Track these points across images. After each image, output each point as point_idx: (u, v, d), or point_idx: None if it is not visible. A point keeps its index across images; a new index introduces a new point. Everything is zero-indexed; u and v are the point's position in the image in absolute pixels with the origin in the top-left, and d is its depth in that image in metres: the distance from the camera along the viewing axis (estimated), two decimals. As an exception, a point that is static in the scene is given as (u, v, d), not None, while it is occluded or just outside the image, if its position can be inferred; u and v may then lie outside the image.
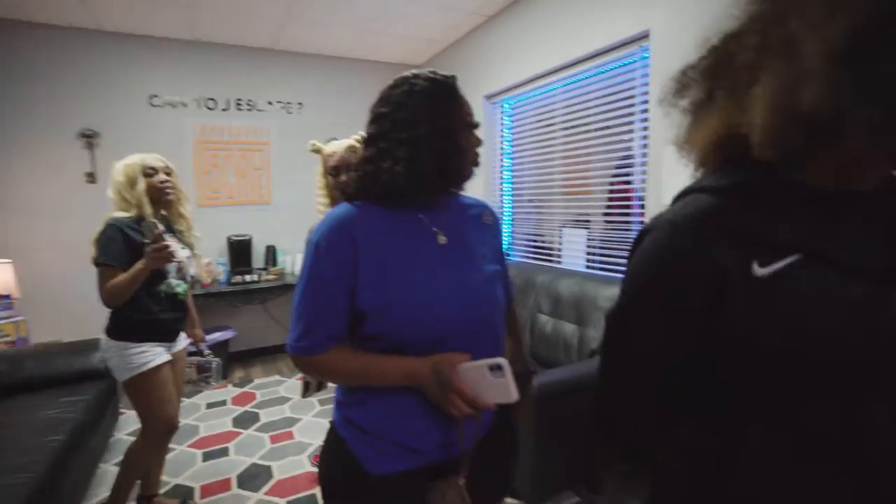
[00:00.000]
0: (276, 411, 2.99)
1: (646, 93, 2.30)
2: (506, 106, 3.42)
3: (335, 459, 0.89)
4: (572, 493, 1.97)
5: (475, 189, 3.56)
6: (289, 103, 4.06)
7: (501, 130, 3.46)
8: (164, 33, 3.53)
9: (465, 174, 0.89)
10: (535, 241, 3.21)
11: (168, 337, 1.80)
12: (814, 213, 0.51)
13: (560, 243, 2.93)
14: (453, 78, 0.87)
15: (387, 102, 0.84)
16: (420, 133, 0.80)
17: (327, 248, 0.80)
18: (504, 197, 3.48)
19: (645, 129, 2.31)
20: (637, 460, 0.65)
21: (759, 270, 0.50)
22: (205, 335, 2.14)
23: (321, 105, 4.16)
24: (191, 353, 2.02)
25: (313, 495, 2.11)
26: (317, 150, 1.78)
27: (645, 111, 2.30)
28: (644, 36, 2.29)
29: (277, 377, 3.59)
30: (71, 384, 2.35)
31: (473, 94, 3.59)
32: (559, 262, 2.94)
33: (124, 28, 3.39)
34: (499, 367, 0.77)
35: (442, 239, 0.88)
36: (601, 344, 0.64)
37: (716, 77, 0.55)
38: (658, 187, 2.21)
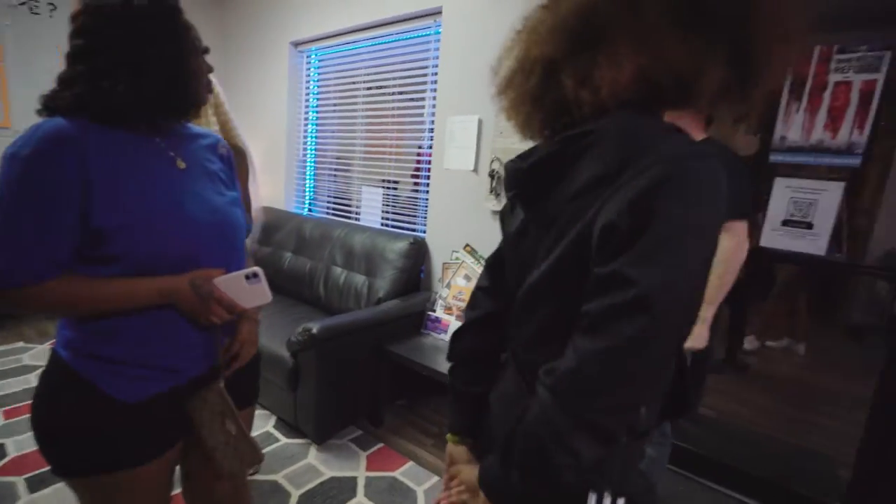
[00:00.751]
0: (16, 382, 2.51)
1: (437, 65, 2.51)
2: (313, 57, 3.32)
3: (68, 396, 0.83)
4: (355, 428, 2.18)
5: (278, 139, 3.44)
6: (36, 2, 3.20)
7: (308, 83, 3.37)
8: None
9: (197, 100, 0.90)
10: (336, 197, 3.27)
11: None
12: None
13: (360, 201, 3.06)
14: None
15: (98, 15, 0.79)
16: (147, 55, 0.79)
17: (42, 161, 0.73)
18: (308, 151, 3.43)
19: (434, 97, 2.54)
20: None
21: None
22: None
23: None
24: None
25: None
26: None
27: (435, 82, 2.53)
28: (437, 12, 2.49)
29: (22, 343, 2.99)
30: None
31: (280, 40, 3.39)
32: (357, 219, 3.07)
33: None
34: (255, 275, 0.88)
35: (181, 164, 0.89)
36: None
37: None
38: (441, 153, 2.47)
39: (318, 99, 3.34)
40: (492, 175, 2.23)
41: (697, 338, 1.32)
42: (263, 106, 3.57)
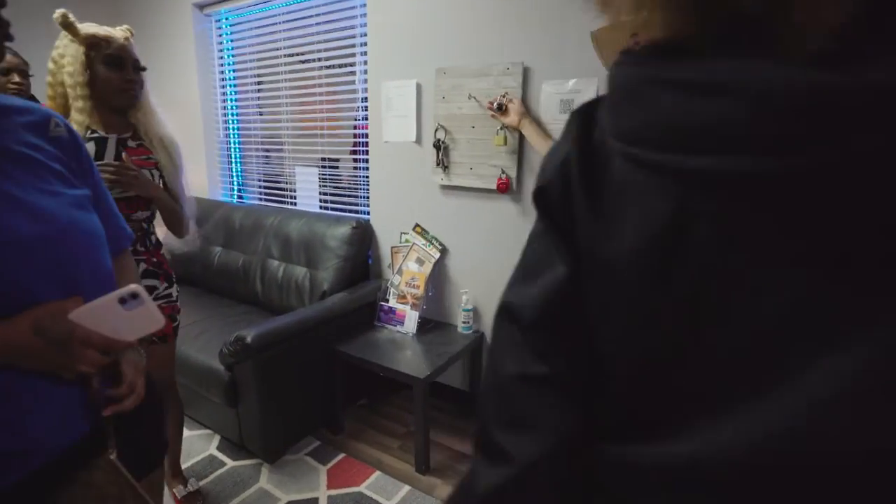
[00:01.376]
0: None
1: (365, 24, 2.22)
2: (223, 23, 2.91)
3: None
4: (312, 439, 1.97)
5: (193, 119, 3.03)
6: None
7: (221, 53, 2.96)
8: None
9: None
10: (268, 181, 2.94)
11: None
12: None
13: (294, 184, 2.75)
14: None
15: None
16: None
17: None
18: (230, 131, 3.04)
19: (365, 63, 2.25)
20: None
21: None
22: None
23: None
24: None
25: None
26: (68, 26, 1.20)
27: (364, 44, 2.24)
28: (360, -40, 2.18)
29: None
30: None
31: (181, 1, 2.93)
32: (294, 204, 2.77)
33: None
34: (133, 296, 0.65)
35: None
36: None
37: None
38: (379, 125, 2.22)
39: (234, 72, 2.94)
40: (437, 146, 2.01)
41: None
42: (170, 81, 3.12)
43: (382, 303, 2.11)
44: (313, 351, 1.90)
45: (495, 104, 1.77)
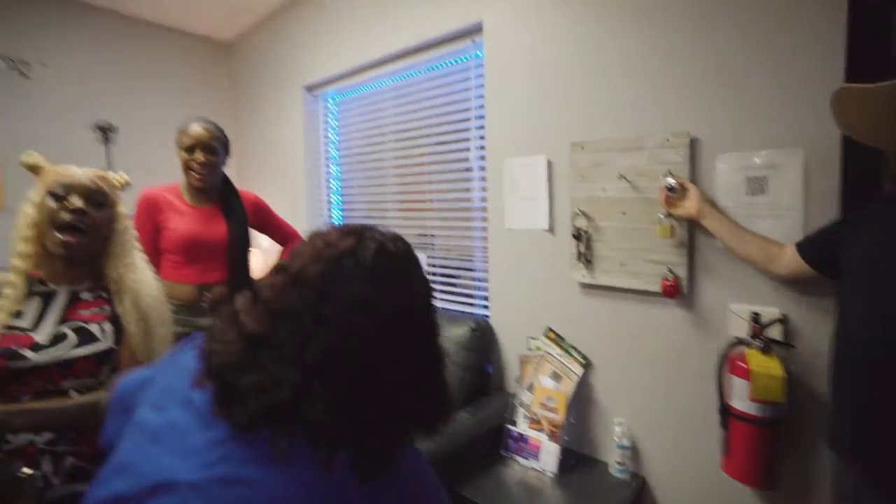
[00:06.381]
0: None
1: (481, 95, 1.97)
2: (331, 102, 2.85)
3: None
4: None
5: (298, 199, 2.96)
6: (16, 60, 2.79)
7: (327, 131, 2.90)
8: None
9: None
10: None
11: None
12: None
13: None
14: None
15: None
16: None
17: None
18: (333, 210, 2.93)
19: (482, 137, 1.98)
20: None
21: None
22: None
23: (80, 72, 2.95)
24: None
25: None
26: (33, 168, 1.10)
27: (481, 117, 1.98)
28: (476, 29, 1.95)
29: None
30: None
31: (292, 84, 2.94)
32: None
33: None
34: None
35: None
36: None
37: None
38: (500, 209, 1.91)
39: (339, 148, 2.86)
40: (578, 235, 1.64)
41: None
42: (280, 158, 3.12)
43: (511, 427, 1.71)
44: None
45: (669, 185, 1.38)
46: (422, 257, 2.35)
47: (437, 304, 2.18)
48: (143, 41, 3.19)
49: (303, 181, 2.93)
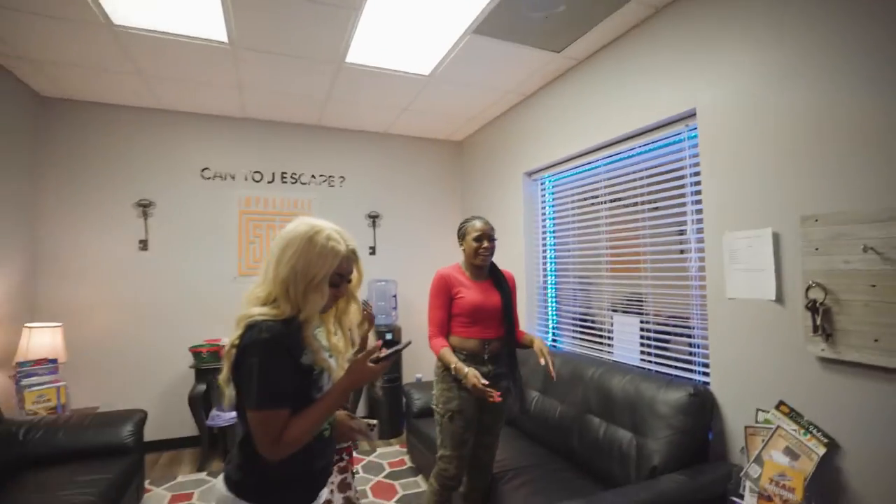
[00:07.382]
0: None
1: (696, 172, 2.13)
2: (547, 183, 3.32)
3: None
4: None
5: (517, 267, 3.42)
6: (331, 176, 4.15)
7: (543, 207, 3.35)
8: (216, 111, 3.74)
9: None
10: (583, 323, 2.96)
11: (315, 494, 1.22)
12: None
13: (611, 328, 2.68)
14: None
15: None
16: None
17: None
18: (548, 276, 3.29)
19: (699, 211, 2.11)
20: None
21: None
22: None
23: (363, 178, 4.23)
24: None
25: None
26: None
27: (697, 192, 2.12)
28: (691, 115, 2.16)
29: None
30: (99, 458, 2.38)
31: (514, 171, 3.52)
32: (610, 351, 2.67)
33: (180, 106, 3.62)
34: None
35: None
36: None
37: None
38: (720, 277, 1.97)
39: (554, 222, 3.26)
40: (813, 308, 1.62)
41: None
42: (501, 235, 3.66)
43: (736, 499, 1.68)
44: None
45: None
46: (636, 323, 2.48)
47: (648, 365, 2.27)
48: (402, 150, 4.40)
49: (521, 254, 3.39)
